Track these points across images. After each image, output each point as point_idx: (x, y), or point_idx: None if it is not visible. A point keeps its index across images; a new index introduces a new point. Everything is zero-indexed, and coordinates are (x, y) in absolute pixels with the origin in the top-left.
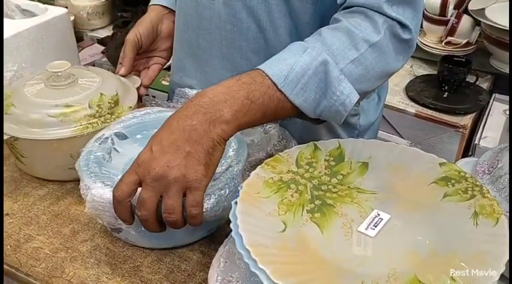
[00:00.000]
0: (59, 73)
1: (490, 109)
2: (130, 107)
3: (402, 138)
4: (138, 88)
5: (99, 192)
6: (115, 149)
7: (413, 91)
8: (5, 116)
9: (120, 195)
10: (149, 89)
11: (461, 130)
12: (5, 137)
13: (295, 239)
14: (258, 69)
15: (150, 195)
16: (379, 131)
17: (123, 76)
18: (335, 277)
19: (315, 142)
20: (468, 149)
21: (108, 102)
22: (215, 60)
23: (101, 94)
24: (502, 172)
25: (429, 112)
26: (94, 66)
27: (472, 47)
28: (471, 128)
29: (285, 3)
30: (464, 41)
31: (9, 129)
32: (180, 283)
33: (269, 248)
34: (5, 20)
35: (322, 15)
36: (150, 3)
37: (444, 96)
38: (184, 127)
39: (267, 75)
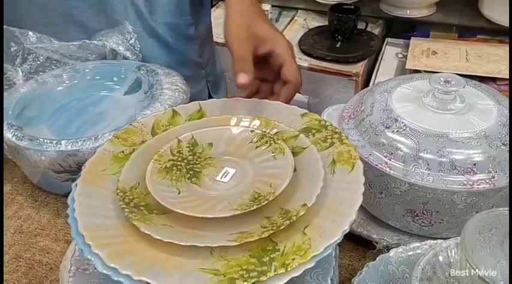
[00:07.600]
0: None
1: (382, 54)
2: None
3: (300, 93)
4: None
5: None
6: None
7: (306, 44)
8: None
9: None
10: None
11: (354, 78)
12: None
13: None
14: None
15: None
16: None
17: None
18: None
19: (174, 107)
20: None
21: None
22: None
23: None
24: (364, 115)
25: (323, 64)
26: None
27: None
28: (366, 75)
29: None
30: None
31: None
32: (40, 279)
33: (109, 230)
34: None
35: None
36: None
37: (337, 46)
38: None
39: None
